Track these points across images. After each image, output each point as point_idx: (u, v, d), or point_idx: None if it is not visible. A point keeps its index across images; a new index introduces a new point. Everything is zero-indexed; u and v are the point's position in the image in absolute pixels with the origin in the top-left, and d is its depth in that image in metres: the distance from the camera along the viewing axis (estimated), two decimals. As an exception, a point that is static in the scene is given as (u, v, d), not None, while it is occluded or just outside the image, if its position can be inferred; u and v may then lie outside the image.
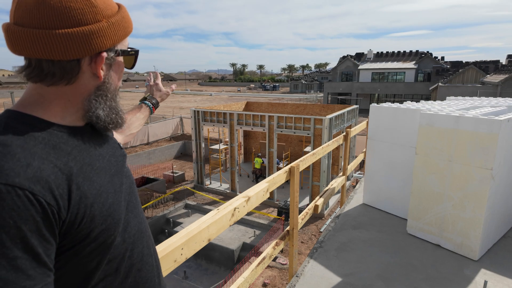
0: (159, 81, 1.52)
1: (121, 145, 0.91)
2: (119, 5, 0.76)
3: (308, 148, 12.46)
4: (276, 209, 10.55)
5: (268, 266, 7.49)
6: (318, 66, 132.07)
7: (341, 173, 4.42)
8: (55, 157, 0.64)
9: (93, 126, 0.79)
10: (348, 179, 4.68)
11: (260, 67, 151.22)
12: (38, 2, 0.64)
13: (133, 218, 0.82)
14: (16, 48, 0.66)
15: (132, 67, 0.85)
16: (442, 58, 36.44)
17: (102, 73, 0.73)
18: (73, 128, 0.73)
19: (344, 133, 4.21)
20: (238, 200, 1.79)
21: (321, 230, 9.24)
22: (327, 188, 3.90)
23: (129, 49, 0.81)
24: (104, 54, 0.72)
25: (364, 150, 5.15)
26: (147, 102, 1.44)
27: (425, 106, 3.40)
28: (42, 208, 0.58)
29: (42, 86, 0.69)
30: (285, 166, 4.75)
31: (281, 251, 7.94)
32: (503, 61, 30.11)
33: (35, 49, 0.64)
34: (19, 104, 0.71)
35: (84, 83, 0.73)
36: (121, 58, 0.80)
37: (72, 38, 0.65)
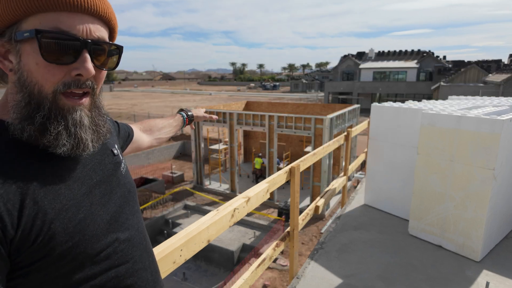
0: (202, 109, 1.59)
1: (116, 152, 0.82)
2: None
3: (308, 148, 12.45)
4: (276, 210, 10.54)
5: (268, 268, 7.47)
6: (318, 65, 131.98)
7: (342, 174, 4.40)
8: (13, 167, 0.58)
9: None
10: (349, 179, 4.66)
11: (260, 66, 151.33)
12: None
13: (124, 231, 0.75)
14: None
15: (69, 60, 0.61)
16: (444, 57, 36.45)
17: (7, 64, 0.61)
18: None
19: (345, 133, 4.19)
20: (238, 201, 1.77)
21: (322, 231, 9.23)
22: (328, 188, 3.88)
23: (32, 31, 0.58)
24: None
25: (366, 150, 5.13)
26: (182, 113, 1.45)
27: (427, 105, 3.38)
28: None
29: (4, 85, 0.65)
30: (285, 166, 4.72)
31: (282, 253, 7.93)
32: (505, 60, 30.13)
33: None
34: None
35: (10, 78, 0.63)
36: (35, 44, 0.59)
37: None
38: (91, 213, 0.67)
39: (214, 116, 1.63)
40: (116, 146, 0.85)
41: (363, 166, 13.85)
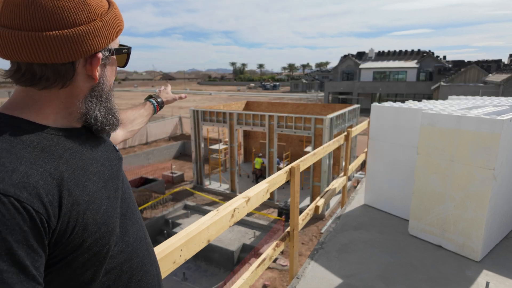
0: (168, 88, 1.52)
1: (117, 148, 0.88)
2: (109, 2, 0.73)
3: (308, 148, 12.45)
4: (276, 210, 10.54)
5: (268, 268, 7.48)
6: (319, 65, 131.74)
7: (342, 174, 4.40)
8: (44, 161, 0.61)
9: (88, 129, 0.76)
10: (349, 179, 4.66)
11: (260, 66, 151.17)
12: (29, 2, 0.60)
13: (131, 225, 0.78)
14: (5, 52, 0.61)
15: (125, 65, 0.82)
16: (444, 57, 36.45)
17: (97, 74, 0.71)
18: (65, 130, 0.70)
19: (345, 133, 4.19)
20: (238, 201, 1.77)
21: (322, 231, 9.23)
22: (328, 188, 3.88)
23: (121, 47, 0.77)
24: (100, 55, 0.69)
25: (366, 150, 5.13)
26: (152, 100, 1.40)
27: (427, 105, 3.38)
28: (30, 217, 0.53)
29: (33, 89, 0.66)
30: (285, 166, 4.72)
31: (282, 253, 7.93)
32: (505, 60, 30.17)
33: (26, 53, 0.60)
34: (7, 106, 0.67)
35: (79, 85, 0.70)
36: (114, 57, 0.77)
37: (67, 40, 0.62)
38: (110, 206, 0.71)
39: (183, 95, 1.53)
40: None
41: (363, 166, 13.84)
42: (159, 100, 1.42)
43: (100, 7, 0.68)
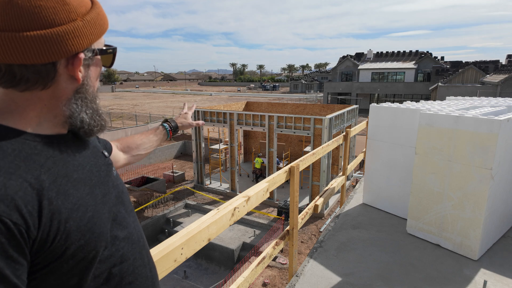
0: (190, 112, 1.53)
1: (106, 154, 0.86)
2: (92, 1, 0.71)
3: (308, 148, 12.47)
4: (276, 209, 10.55)
5: (268, 266, 7.49)
6: (318, 66, 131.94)
7: (341, 173, 4.43)
8: (25, 170, 0.60)
9: (75, 134, 0.75)
10: (348, 179, 4.70)
11: (260, 67, 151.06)
12: (5, 2, 0.59)
13: (122, 229, 0.78)
14: None
15: (110, 66, 0.81)
16: (442, 58, 36.48)
17: (80, 75, 0.69)
18: (49, 137, 0.68)
19: (344, 133, 4.22)
20: (238, 200, 1.79)
21: (321, 229, 9.25)
22: (327, 188, 3.90)
23: (106, 47, 0.76)
24: (82, 55, 0.68)
25: (364, 150, 5.15)
26: (165, 124, 1.39)
27: (424, 106, 3.40)
28: (7, 229, 0.54)
29: (15, 92, 0.64)
30: (285, 166, 4.75)
31: (281, 251, 7.95)
32: (503, 61, 30.18)
33: (5, 54, 0.59)
34: None
35: (62, 86, 0.68)
36: (98, 57, 0.75)
37: (46, 40, 0.61)
38: (96, 212, 0.70)
39: (201, 122, 1.56)
40: (105, 150, 0.89)
41: (361, 165, 13.86)
42: (173, 124, 1.42)
43: (81, 7, 0.66)
